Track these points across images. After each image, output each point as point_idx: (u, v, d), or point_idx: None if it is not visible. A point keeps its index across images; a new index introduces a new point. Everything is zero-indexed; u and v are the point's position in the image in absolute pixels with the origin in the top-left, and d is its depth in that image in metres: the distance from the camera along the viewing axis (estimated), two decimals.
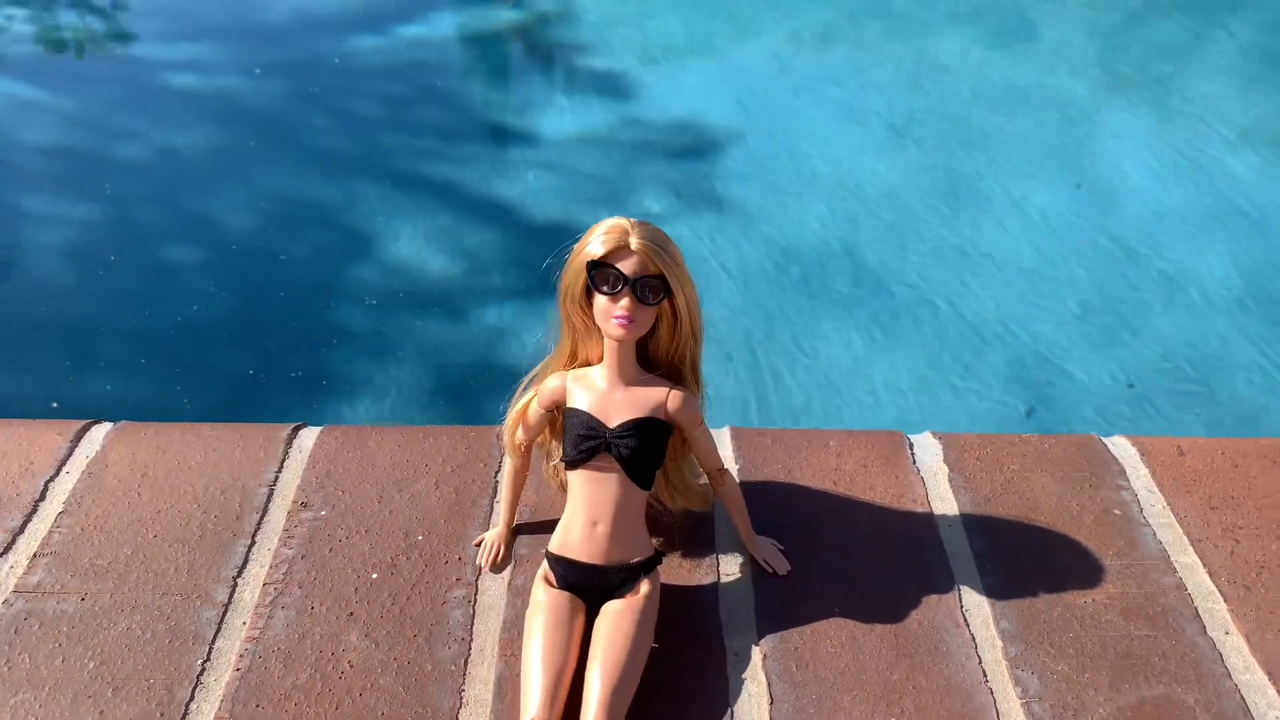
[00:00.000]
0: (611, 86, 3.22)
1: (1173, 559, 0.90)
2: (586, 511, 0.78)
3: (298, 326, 2.15)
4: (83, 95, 3.02)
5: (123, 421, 0.99)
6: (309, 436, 0.98)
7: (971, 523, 0.93)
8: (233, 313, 2.17)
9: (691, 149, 2.89)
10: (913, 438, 1.02)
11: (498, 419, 0.88)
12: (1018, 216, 2.61)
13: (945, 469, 0.98)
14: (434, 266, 2.38)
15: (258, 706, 0.75)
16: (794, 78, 3.26)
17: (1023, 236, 2.54)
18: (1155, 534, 0.92)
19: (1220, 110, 3.11)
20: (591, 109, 3.09)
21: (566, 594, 0.77)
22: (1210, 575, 0.89)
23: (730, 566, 0.87)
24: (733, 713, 0.76)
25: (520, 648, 0.77)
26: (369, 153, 2.83)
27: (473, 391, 1.95)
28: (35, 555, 0.85)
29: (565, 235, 0.79)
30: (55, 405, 1.69)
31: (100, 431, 0.97)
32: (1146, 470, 0.99)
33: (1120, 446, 1.02)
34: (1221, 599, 0.87)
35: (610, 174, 2.80)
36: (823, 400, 2.09)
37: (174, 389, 1.97)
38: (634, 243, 0.74)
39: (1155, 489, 0.97)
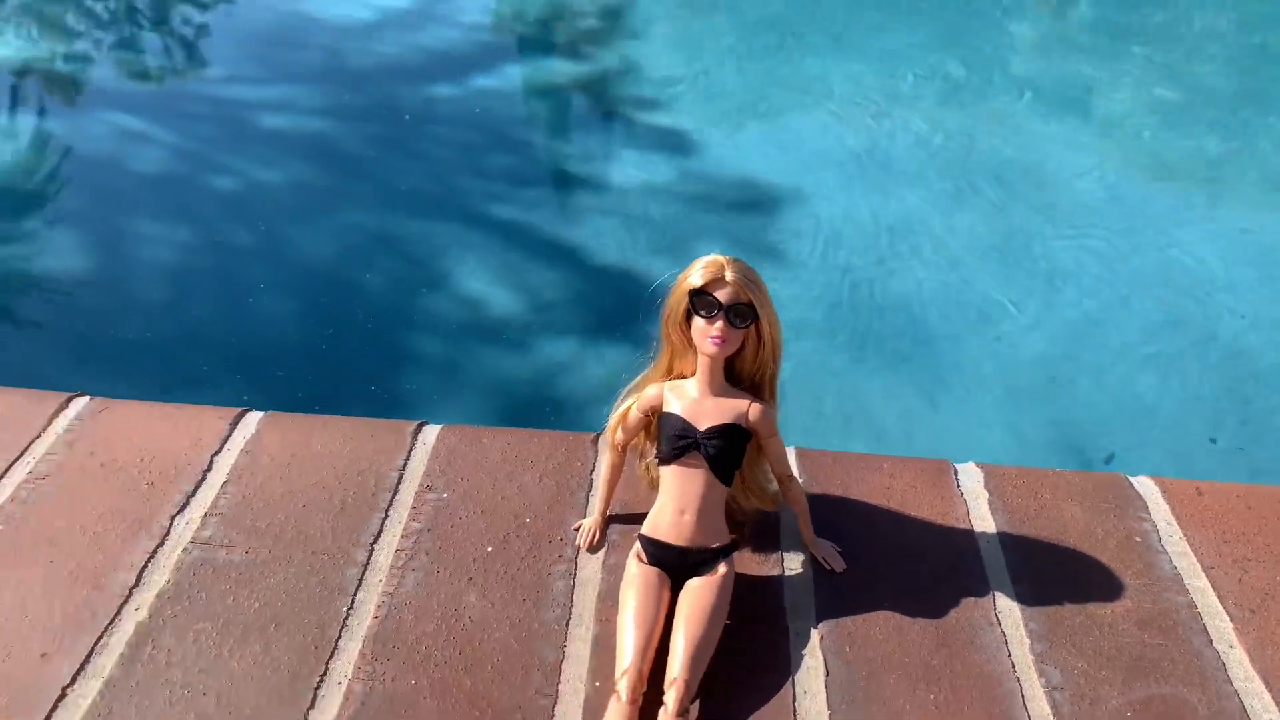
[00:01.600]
0: (671, 141, 3.40)
1: (1186, 582, 1.02)
2: (675, 501, 0.92)
3: (402, 349, 2.35)
4: (176, 128, 3.27)
5: (272, 411, 1.15)
6: (431, 432, 1.13)
7: (1007, 540, 1.05)
8: (356, 332, 2.37)
9: (748, 204, 3.05)
10: (958, 465, 1.15)
11: (588, 428, 1.02)
12: (1080, 280, 2.72)
13: (986, 493, 1.11)
14: (506, 305, 2.56)
15: (394, 647, 0.89)
16: (851, 139, 3.41)
17: (1082, 298, 2.65)
18: (1171, 560, 1.04)
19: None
20: (653, 162, 3.27)
21: (655, 569, 0.91)
22: (1219, 598, 1.00)
23: (793, 562, 1.00)
24: (794, 680, 0.89)
25: (613, 615, 0.91)
26: (447, 196, 3.03)
27: (557, 413, 2.12)
28: (206, 514, 1.00)
29: (627, 277, 0.94)
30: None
31: (254, 418, 1.13)
32: (1167, 506, 1.11)
33: (1144, 485, 1.14)
34: (1228, 618, 0.98)
35: (669, 223, 2.96)
36: (869, 439, 2.22)
37: (308, 393, 2.17)
38: (729, 275, 0.89)
39: (1174, 522, 1.09)
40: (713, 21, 4.27)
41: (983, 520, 1.07)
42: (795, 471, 1.12)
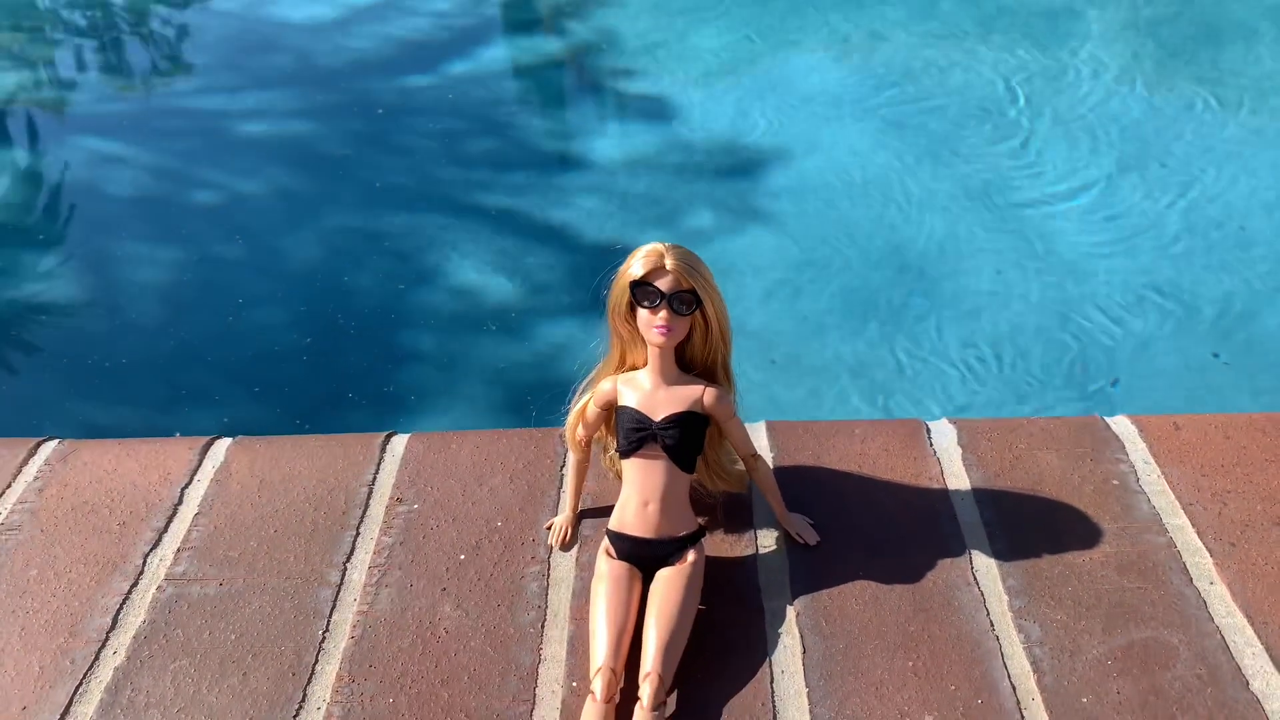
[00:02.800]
0: (655, 110, 3.36)
1: (1164, 521, 1.01)
2: (638, 493, 0.92)
3: (381, 348, 2.34)
4: (157, 143, 3.26)
5: (240, 436, 1.15)
6: (400, 442, 1.13)
7: (982, 496, 1.04)
8: (321, 340, 2.36)
9: (734, 168, 3.02)
10: (930, 423, 1.14)
11: (560, 421, 1.02)
12: (1068, 223, 2.69)
13: (959, 450, 1.10)
14: (495, 289, 2.55)
15: (370, 666, 0.89)
16: (833, 90, 3.37)
17: (1066, 242, 2.62)
18: (1149, 500, 1.03)
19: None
20: (638, 134, 3.24)
21: (625, 564, 0.91)
22: (1199, 534, 0.99)
23: (767, 539, 1.00)
24: (770, 661, 0.89)
25: (588, 612, 0.91)
26: (429, 186, 3.01)
27: (538, 399, 2.11)
28: (179, 549, 1.01)
29: (617, 254, 0.93)
30: (176, 434, 1.88)
31: (222, 445, 1.13)
32: (1144, 445, 1.10)
33: (1120, 425, 1.13)
34: (1208, 554, 0.97)
35: (659, 194, 2.94)
36: (870, 395, 2.20)
37: (276, 410, 2.16)
38: (669, 263, 0.88)
39: (1151, 460, 1.08)
40: None
41: (957, 478, 1.06)
42: (766, 445, 1.11)
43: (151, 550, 1.01)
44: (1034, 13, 3.81)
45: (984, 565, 0.97)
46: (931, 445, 1.11)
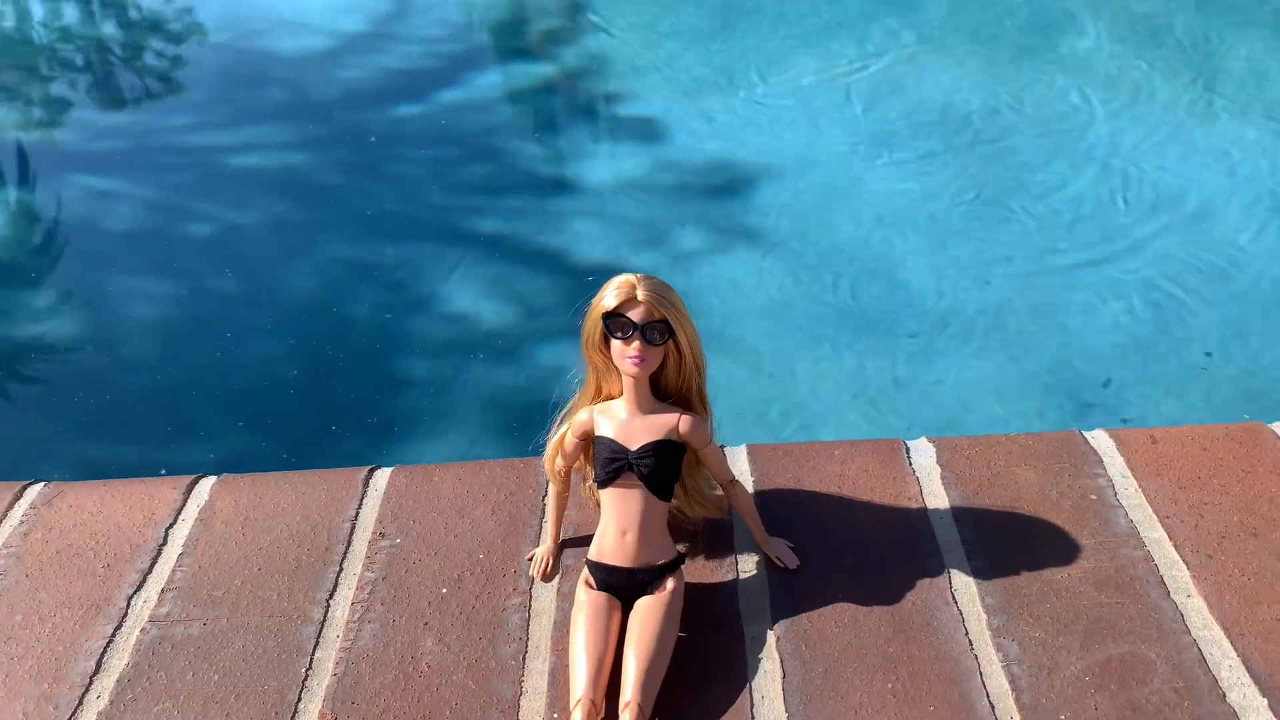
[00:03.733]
0: (646, 133, 3.38)
1: (1142, 534, 1.01)
2: (617, 523, 0.93)
3: (366, 379, 2.34)
4: (149, 176, 3.28)
5: (225, 475, 1.16)
6: (382, 476, 1.13)
7: (961, 514, 1.05)
8: (309, 371, 2.37)
9: (726, 187, 3.04)
10: (909, 443, 1.15)
11: (542, 451, 1.03)
12: (1057, 235, 2.71)
13: (938, 469, 1.11)
14: (485, 315, 2.56)
15: (353, 704, 0.90)
16: (822, 110, 3.39)
17: (1060, 260, 2.63)
18: (1127, 514, 1.04)
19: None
20: (628, 156, 3.26)
21: (604, 594, 0.92)
22: (1175, 547, 1.00)
23: (747, 564, 1.01)
24: (750, 687, 0.89)
25: (569, 643, 0.91)
26: (421, 214, 3.03)
27: (525, 423, 2.12)
28: (163, 590, 1.01)
29: (600, 282, 0.93)
30: (163, 470, 1.89)
31: (207, 484, 1.14)
32: (1122, 458, 1.10)
33: (1098, 439, 1.13)
34: (1185, 567, 0.98)
35: (649, 216, 2.95)
36: (860, 413, 2.21)
37: (262, 444, 2.16)
38: (640, 294, 0.89)
39: (1129, 474, 1.08)
40: (677, 6, 4.23)
41: (936, 496, 1.07)
42: (746, 468, 1.12)
43: (135, 592, 1.01)
44: (1019, 28, 3.84)
45: (963, 584, 0.97)
46: (911, 464, 1.11)
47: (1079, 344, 2.35)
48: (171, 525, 1.09)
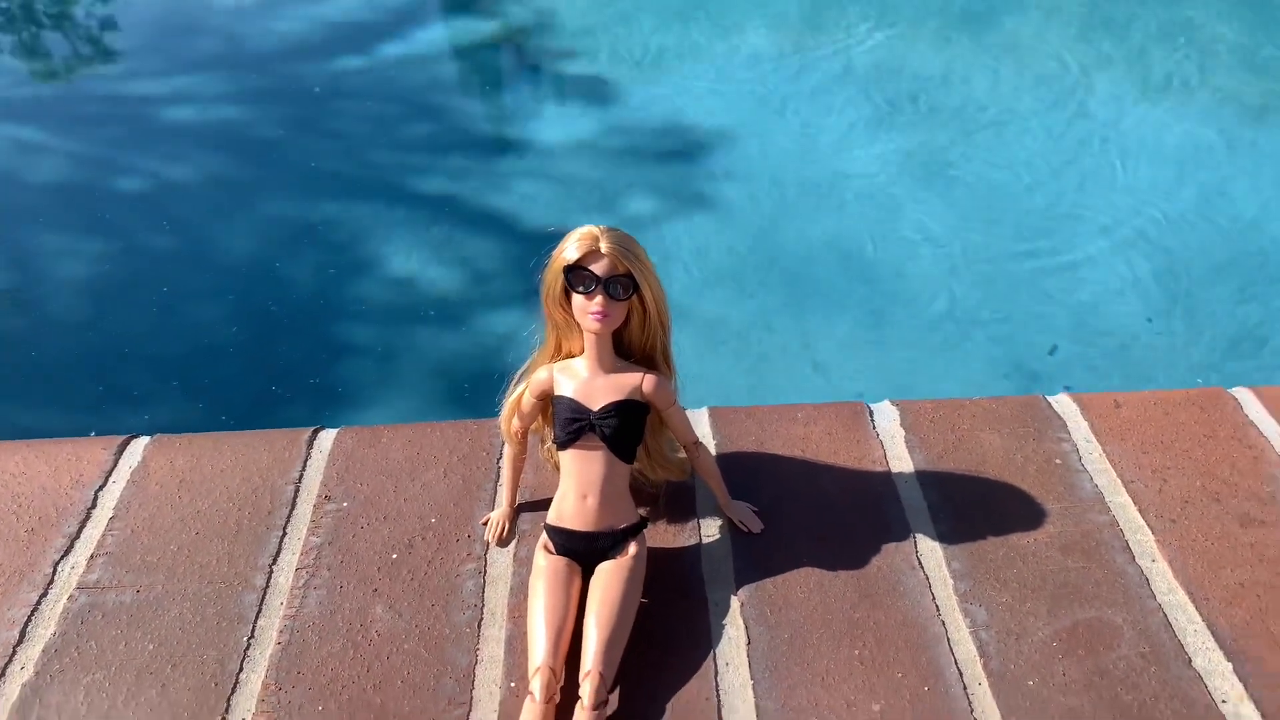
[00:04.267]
0: (596, 93, 3.32)
1: (1107, 499, 1.00)
2: (577, 486, 0.89)
3: (309, 340, 2.27)
4: (82, 130, 3.13)
5: (159, 435, 1.10)
6: (327, 438, 1.08)
7: (925, 478, 1.03)
8: (247, 332, 2.28)
9: (677, 151, 2.99)
10: (873, 406, 1.12)
11: (497, 412, 0.98)
12: (1002, 198, 2.71)
13: (902, 432, 1.09)
14: (433, 276, 2.49)
15: (298, 673, 0.85)
16: (774, 73, 3.35)
17: (1008, 219, 2.63)
18: (1092, 478, 1.03)
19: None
20: (578, 117, 3.19)
21: (564, 559, 0.88)
22: (1140, 511, 0.99)
23: (710, 529, 0.98)
24: (714, 654, 0.86)
25: (526, 610, 0.88)
26: (365, 172, 2.94)
27: (475, 388, 2.07)
28: (93, 556, 0.95)
29: (554, 238, 0.89)
30: (93, 433, 1.81)
31: (140, 444, 1.08)
32: (1086, 423, 1.09)
33: (1062, 403, 1.12)
34: (1149, 531, 0.97)
35: (600, 179, 2.90)
36: (813, 379, 2.20)
37: (199, 407, 2.08)
38: (604, 246, 0.85)
39: (1093, 439, 1.07)
40: None
41: (900, 460, 1.05)
42: (708, 431, 1.09)
43: (62, 558, 0.95)
44: (966, 4, 3.84)
45: (928, 549, 0.96)
46: (874, 427, 1.09)
47: (1028, 315, 2.36)
48: (101, 488, 1.02)
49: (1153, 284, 2.42)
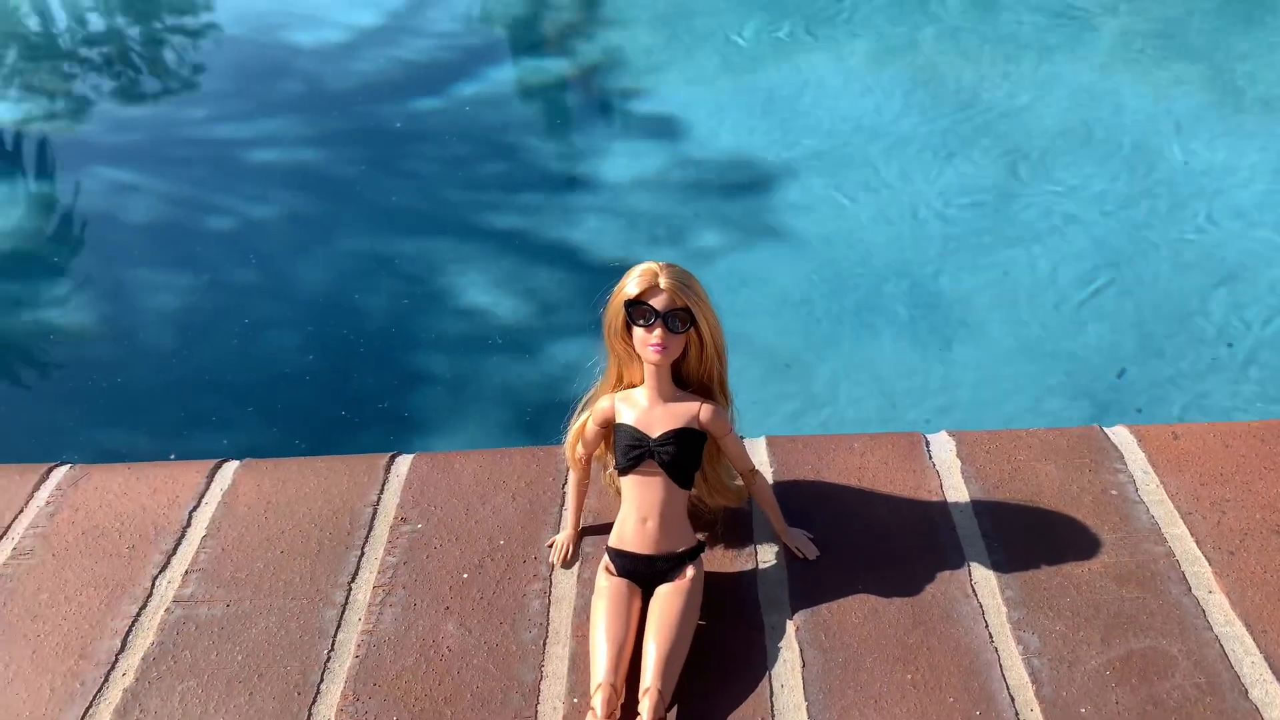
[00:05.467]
0: (662, 129, 3.38)
1: (1163, 530, 1.01)
2: (637, 510, 0.93)
3: (389, 370, 2.36)
4: (169, 170, 3.30)
5: (247, 459, 1.17)
6: (404, 463, 1.14)
7: (981, 508, 1.05)
8: (330, 361, 2.39)
9: (742, 184, 3.04)
10: (929, 436, 1.14)
11: (562, 439, 1.03)
12: (1074, 229, 2.70)
13: (958, 462, 1.10)
14: (502, 308, 2.57)
15: (375, 685, 0.90)
16: (841, 106, 3.39)
17: (1077, 250, 2.62)
18: (1148, 509, 1.03)
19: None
20: (645, 153, 3.26)
21: (625, 580, 0.92)
22: (1197, 543, 0.99)
23: (766, 555, 1.01)
24: (770, 675, 0.89)
25: (589, 629, 0.92)
26: (438, 208, 3.04)
27: (541, 416, 2.13)
28: (187, 571, 1.02)
29: (619, 273, 0.94)
30: (172, 456, 1.91)
31: (230, 468, 1.15)
32: (1143, 454, 1.10)
33: (1120, 435, 1.13)
34: (1207, 563, 0.97)
35: (666, 213, 2.95)
36: (878, 407, 2.21)
37: (285, 432, 2.18)
38: (663, 282, 0.89)
39: (1150, 470, 1.08)
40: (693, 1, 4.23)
41: (956, 490, 1.07)
42: (765, 460, 1.12)
43: (160, 573, 1.02)
44: (1039, 28, 3.83)
45: (983, 577, 0.97)
46: (930, 458, 1.11)
47: (1096, 340, 2.34)
48: (195, 508, 1.09)
49: (1227, 314, 2.38)
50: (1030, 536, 1.01)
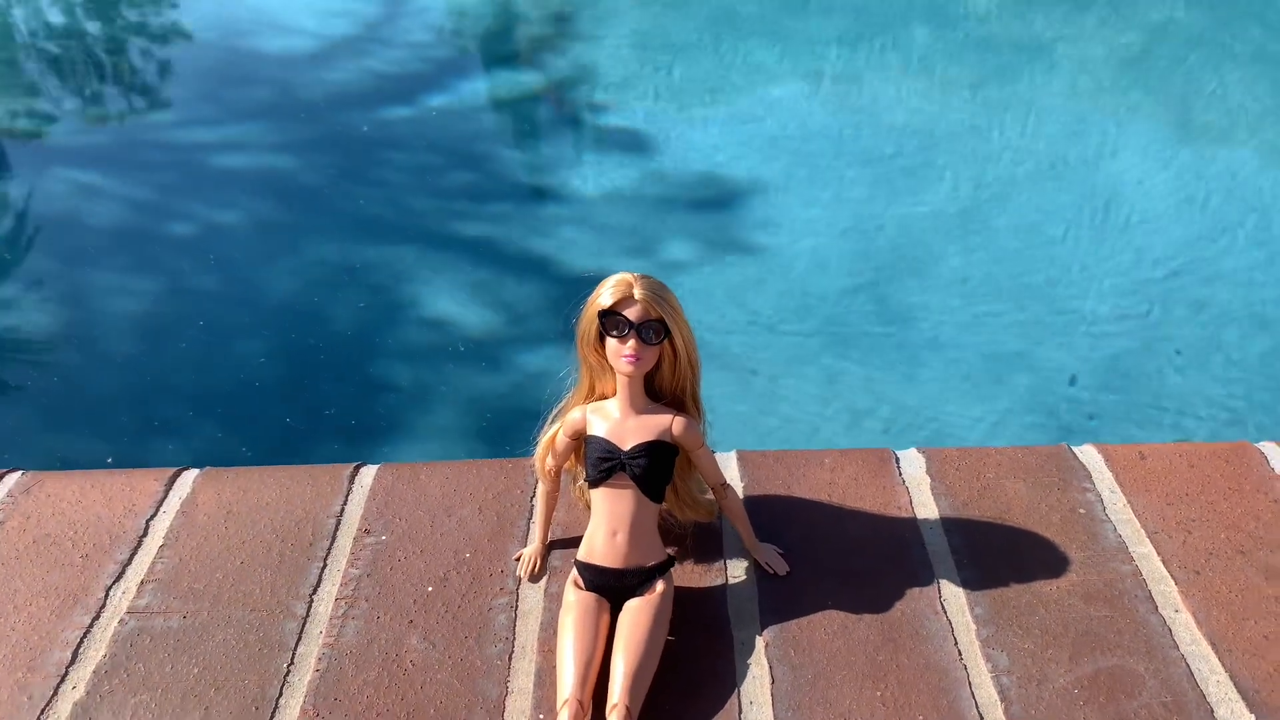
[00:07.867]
0: (633, 143, 3.39)
1: (1130, 549, 1.01)
2: (607, 523, 0.92)
3: (354, 379, 2.33)
4: (134, 175, 3.25)
5: (208, 468, 1.14)
6: (368, 473, 1.12)
7: (950, 525, 1.05)
8: (294, 370, 2.35)
9: (712, 199, 3.04)
10: (899, 453, 1.14)
11: (532, 451, 1.02)
12: (1040, 251, 2.73)
13: (928, 479, 1.10)
14: (471, 319, 2.55)
15: (335, 699, 0.88)
16: (809, 123, 3.41)
17: (1041, 273, 2.65)
18: (1115, 528, 1.04)
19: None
20: (615, 166, 3.26)
21: (593, 594, 0.91)
22: (1164, 562, 1.00)
23: (736, 570, 1.00)
24: (739, 692, 0.88)
25: (556, 644, 0.90)
26: (407, 218, 3.02)
27: (511, 428, 2.11)
28: (143, 582, 0.99)
29: (591, 283, 0.93)
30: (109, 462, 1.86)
31: (189, 476, 1.12)
32: (1110, 474, 1.11)
33: (1087, 454, 1.14)
34: (1173, 582, 0.98)
35: (636, 225, 2.95)
36: (845, 424, 2.21)
37: (243, 442, 2.14)
38: (637, 293, 0.88)
39: (1117, 489, 1.09)
40: (664, 18, 4.25)
41: (925, 507, 1.07)
42: (736, 474, 1.11)
43: (114, 583, 0.99)
44: (997, 47, 3.89)
45: (952, 594, 0.97)
46: (900, 474, 1.11)
47: (1060, 364, 2.36)
48: (153, 517, 1.07)
49: (1188, 334, 2.42)
50: (999, 554, 1.01)
